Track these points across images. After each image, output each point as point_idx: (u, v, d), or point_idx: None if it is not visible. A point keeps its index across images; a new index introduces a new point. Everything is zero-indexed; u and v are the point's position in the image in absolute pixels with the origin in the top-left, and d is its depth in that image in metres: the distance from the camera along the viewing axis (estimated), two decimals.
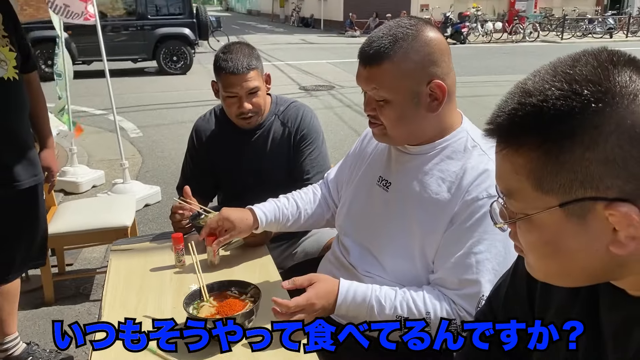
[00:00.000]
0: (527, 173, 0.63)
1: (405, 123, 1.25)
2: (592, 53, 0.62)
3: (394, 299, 1.23)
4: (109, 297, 1.44)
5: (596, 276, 0.67)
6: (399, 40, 1.19)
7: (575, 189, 0.60)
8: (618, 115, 0.58)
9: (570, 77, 0.60)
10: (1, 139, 1.90)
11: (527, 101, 0.61)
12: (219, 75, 1.85)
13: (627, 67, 0.60)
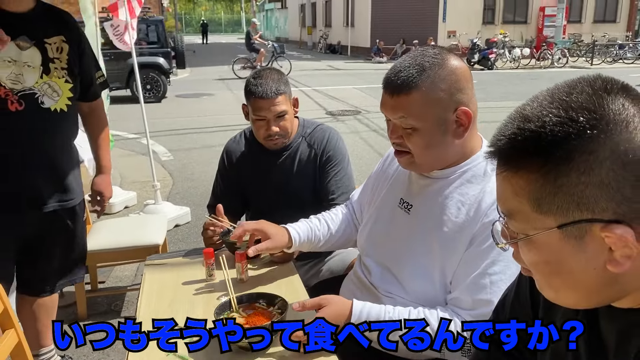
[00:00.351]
0: (526, 195, 0.67)
1: (433, 150, 1.29)
2: (587, 80, 0.67)
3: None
4: (143, 309, 1.51)
5: (595, 296, 0.70)
6: (426, 70, 1.23)
7: (572, 211, 0.64)
8: (612, 141, 0.62)
9: (566, 104, 0.65)
10: (38, 164, 1.97)
11: (526, 126, 0.66)
12: (249, 99, 1.94)
13: (621, 95, 0.65)
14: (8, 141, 1.89)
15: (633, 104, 0.64)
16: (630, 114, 0.63)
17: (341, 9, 26.28)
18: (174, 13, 37.38)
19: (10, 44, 1.84)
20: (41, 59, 1.91)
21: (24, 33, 1.87)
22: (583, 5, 24.04)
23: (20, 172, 1.94)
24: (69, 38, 2.00)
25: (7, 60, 1.83)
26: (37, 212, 2.02)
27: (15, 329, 1.58)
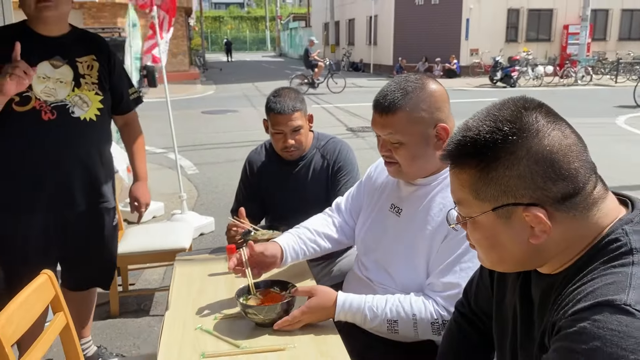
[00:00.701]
0: (468, 186, 0.89)
1: (417, 161, 1.51)
2: (513, 100, 0.90)
3: (385, 306, 1.47)
4: (175, 295, 1.75)
5: (524, 263, 0.92)
6: (409, 93, 1.46)
7: (501, 197, 0.86)
8: (527, 144, 0.84)
9: (496, 117, 0.87)
10: (69, 168, 2.19)
11: (467, 134, 0.89)
12: (269, 115, 2.18)
13: (535, 111, 0.87)
14: (42, 147, 2.12)
15: (543, 118, 0.86)
16: (541, 125, 0.85)
17: (364, 28, 26.68)
18: (200, 32, 38.29)
19: (44, 63, 2.10)
20: (73, 75, 2.16)
21: (57, 54, 2.13)
22: (608, 23, 23.98)
23: (54, 175, 2.16)
24: (99, 57, 2.24)
25: (42, 76, 2.09)
26: (70, 211, 2.24)
27: (64, 313, 1.81)
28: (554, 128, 0.86)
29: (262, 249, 1.67)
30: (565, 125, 0.88)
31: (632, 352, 0.72)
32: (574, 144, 0.87)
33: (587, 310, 0.78)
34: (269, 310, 1.47)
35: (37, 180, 2.16)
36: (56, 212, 2.22)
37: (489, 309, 1.14)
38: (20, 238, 2.20)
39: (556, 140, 0.85)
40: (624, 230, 0.86)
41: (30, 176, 2.14)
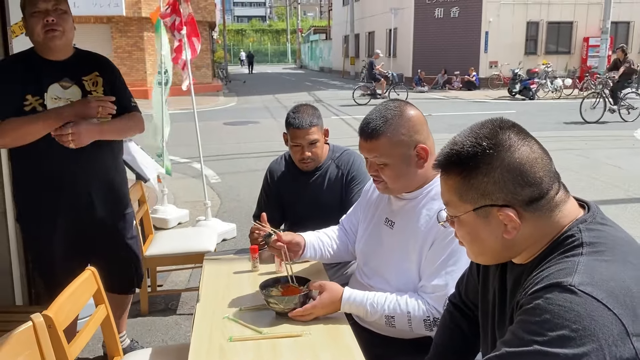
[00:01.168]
0: (453, 190, 1.10)
1: (401, 178, 1.72)
2: (491, 120, 1.10)
3: (383, 304, 1.67)
4: (204, 289, 1.96)
5: (500, 255, 1.12)
6: (388, 120, 1.67)
7: (480, 200, 1.07)
8: (501, 157, 1.05)
9: (477, 134, 1.08)
10: (89, 178, 2.39)
11: (454, 148, 1.09)
12: (288, 129, 2.41)
13: (509, 130, 1.08)
14: (58, 160, 2.31)
15: (515, 135, 1.07)
16: (513, 141, 1.06)
17: (384, 40, 26.92)
18: (223, 44, 38.96)
19: (55, 85, 2.31)
20: (81, 93, 2.35)
21: (65, 75, 2.33)
22: (629, 35, 23.83)
23: (73, 186, 2.37)
24: (102, 73, 2.40)
25: (54, 97, 2.29)
26: (89, 219, 2.43)
27: (105, 305, 2.04)
28: (524, 144, 1.06)
29: (290, 238, 1.92)
30: (533, 142, 1.09)
31: (574, 322, 0.91)
32: (540, 157, 1.07)
33: (541, 290, 0.97)
34: (288, 300, 1.69)
35: (58, 192, 2.36)
36: (76, 220, 2.41)
37: (476, 300, 1.34)
38: (46, 242, 2.41)
39: (524, 154, 1.05)
40: (578, 228, 1.05)
41: (51, 188, 2.35)
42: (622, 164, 7.89)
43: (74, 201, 2.40)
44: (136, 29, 18.47)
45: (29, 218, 2.46)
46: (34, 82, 2.25)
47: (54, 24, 2.23)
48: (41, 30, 2.22)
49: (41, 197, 2.38)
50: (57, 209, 2.39)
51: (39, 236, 2.44)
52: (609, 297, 0.92)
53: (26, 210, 2.46)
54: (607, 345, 0.89)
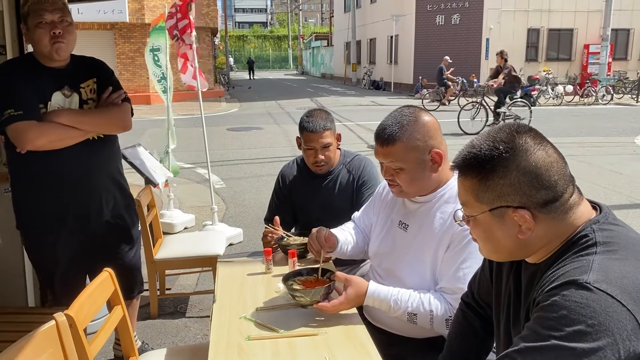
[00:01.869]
0: (471, 191, 1.14)
1: (416, 182, 1.77)
2: (508, 125, 1.15)
3: (407, 300, 1.71)
4: (219, 290, 2.00)
5: (514, 254, 1.17)
6: (404, 126, 1.72)
7: (496, 201, 1.11)
8: (517, 160, 1.09)
9: (494, 138, 1.12)
10: (91, 183, 2.40)
11: (472, 151, 1.14)
12: (302, 133, 2.46)
13: (525, 134, 1.12)
14: (58, 166, 2.32)
15: (532, 140, 1.11)
16: (529, 146, 1.10)
17: (385, 47, 27.05)
18: (224, 50, 39.11)
19: (57, 93, 2.32)
20: (79, 102, 2.37)
21: (66, 83, 2.34)
22: (629, 42, 23.94)
23: (76, 193, 2.37)
24: (99, 78, 2.42)
25: (57, 106, 2.31)
26: (94, 223, 2.45)
27: (122, 306, 2.08)
28: (540, 149, 1.11)
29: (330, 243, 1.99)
30: (549, 146, 1.13)
31: (590, 318, 0.95)
32: (555, 161, 1.11)
33: (558, 287, 1.02)
34: (315, 293, 1.73)
35: (62, 199, 2.37)
36: (82, 225, 2.43)
37: (488, 299, 1.38)
38: (52, 251, 2.41)
39: (540, 158, 1.10)
40: (592, 229, 1.09)
41: (55, 197, 2.36)
42: (623, 170, 7.93)
43: (83, 204, 2.42)
44: (139, 35, 18.59)
45: (32, 226, 2.42)
46: (39, 89, 2.26)
47: (60, 36, 2.25)
48: (48, 42, 2.24)
49: (46, 204, 2.37)
50: (66, 214, 2.39)
51: (44, 245, 2.42)
52: (622, 293, 0.97)
53: (29, 218, 2.42)
54: (621, 340, 0.94)
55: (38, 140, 2.20)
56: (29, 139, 2.19)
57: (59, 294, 2.50)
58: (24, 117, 2.17)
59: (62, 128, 2.26)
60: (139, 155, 4.03)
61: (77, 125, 2.31)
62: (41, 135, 2.20)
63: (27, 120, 2.18)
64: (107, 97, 2.41)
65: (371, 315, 1.93)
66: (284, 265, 2.17)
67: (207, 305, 3.56)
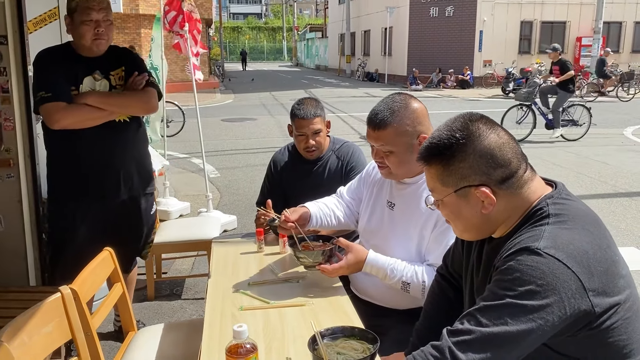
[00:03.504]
0: (436, 177, 1.28)
1: (404, 165, 1.89)
2: (462, 115, 1.28)
3: (402, 270, 1.84)
4: (214, 267, 2.13)
5: (481, 229, 1.30)
6: (395, 112, 1.84)
7: (459, 182, 1.25)
8: (473, 145, 1.22)
9: (450, 127, 1.26)
10: (115, 163, 2.58)
11: (433, 141, 1.27)
12: (293, 120, 2.58)
13: (478, 121, 1.26)
14: (81, 145, 2.51)
15: (484, 125, 1.25)
16: (482, 131, 1.24)
17: (379, 39, 27.11)
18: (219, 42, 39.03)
19: (88, 77, 2.53)
20: (108, 87, 2.58)
21: (97, 69, 2.55)
22: (621, 35, 24.13)
23: (101, 170, 2.56)
24: (127, 68, 2.62)
25: (88, 89, 2.52)
26: (117, 199, 2.63)
27: (122, 283, 2.20)
28: (492, 132, 1.24)
29: (297, 216, 2.05)
30: (500, 129, 1.27)
31: (539, 278, 1.08)
32: (507, 142, 1.25)
33: (513, 254, 1.15)
34: (317, 254, 1.88)
35: (86, 179, 2.56)
36: (100, 201, 2.61)
37: (461, 271, 1.52)
38: (72, 227, 2.60)
39: (493, 140, 1.23)
40: (546, 202, 1.23)
41: (76, 173, 2.55)
42: (610, 160, 8.10)
43: (102, 182, 2.59)
44: (133, 25, 18.56)
45: (58, 197, 2.63)
46: (72, 74, 2.48)
47: (102, 34, 2.48)
48: (90, 37, 2.46)
49: (68, 179, 2.57)
50: (86, 189, 2.58)
51: (64, 220, 2.61)
52: (568, 257, 1.10)
53: (57, 189, 2.62)
54: (566, 298, 1.08)
55: (64, 120, 2.42)
56: (55, 119, 2.41)
57: (63, 270, 2.63)
58: (52, 98, 2.39)
59: (88, 109, 2.46)
60: None
61: (103, 106, 2.51)
62: (68, 116, 2.41)
63: (56, 102, 2.39)
64: (132, 80, 2.61)
65: (358, 288, 2.06)
66: (275, 245, 2.30)
67: (202, 288, 3.68)
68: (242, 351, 1.22)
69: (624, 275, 1.17)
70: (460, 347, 1.11)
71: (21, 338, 1.47)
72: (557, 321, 1.07)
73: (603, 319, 1.11)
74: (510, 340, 1.09)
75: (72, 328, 1.71)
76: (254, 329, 1.61)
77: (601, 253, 1.14)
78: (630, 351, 1.16)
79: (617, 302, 1.12)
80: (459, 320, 1.16)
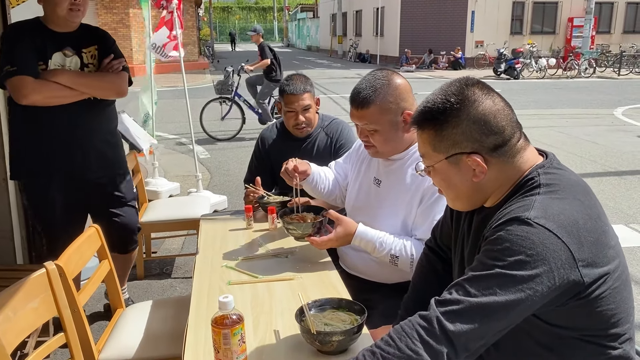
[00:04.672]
0: (427, 142, 1.25)
1: (390, 143, 1.87)
2: (459, 79, 1.25)
3: (391, 243, 1.82)
4: (202, 244, 2.11)
5: (472, 198, 1.28)
6: (377, 89, 1.81)
7: (450, 149, 1.22)
8: (467, 110, 1.19)
9: (445, 92, 1.23)
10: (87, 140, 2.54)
11: (426, 105, 1.24)
12: (282, 96, 2.54)
13: (474, 86, 1.22)
14: (49, 119, 2.46)
15: (480, 90, 1.22)
16: (477, 96, 1.21)
17: (371, 19, 26.89)
18: (208, 22, 38.55)
19: (58, 53, 2.47)
20: (80, 64, 2.52)
21: (68, 45, 2.49)
22: (612, 16, 24.09)
23: (73, 147, 2.52)
24: (100, 46, 2.58)
25: (57, 65, 2.46)
26: (90, 177, 2.59)
27: (109, 260, 2.17)
28: (487, 98, 1.21)
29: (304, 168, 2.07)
30: (496, 96, 1.23)
31: (529, 249, 1.07)
32: (502, 109, 1.22)
33: (503, 224, 1.13)
34: (307, 226, 1.87)
35: (54, 153, 2.52)
36: (71, 179, 2.58)
37: (449, 242, 1.51)
38: (47, 202, 2.57)
39: (488, 107, 1.20)
40: (537, 172, 1.21)
41: (48, 149, 2.51)
42: (600, 140, 8.13)
43: (70, 157, 2.55)
44: (122, 5, 18.27)
45: (27, 173, 2.58)
46: (41, 49, 2.40)
47: (79, 4, 2.43)
48: (66, 7, 2.39)
49: (37, 156, 2.52)
50: (54, 163, 2.53)
51: (39, 190, 2.58)
52: (559, 227, 1.09)
53: (25, 165, 2.57)
54: (556, 268, 1.06)
55: (32, 96, 2.35)
56: (23, 94, 2.34)
57: (56, 241, 2.61)
58: (17, 72, 2.32)
59: (58, 87, 2.40)
60: (123, 121, 4.08)
61: (74, 86, 2.45)
62: (36, 92, 2.35)
63: (22, 76, 2.32)
64: (108, 63, 2.56)
65: (347, 263, 2.06)
66: (264, 222, 2.28)
67: (192, 267, 3.66)
68: (227, 322, 1.20)
69: (613, 245, 1.16)
70: (448, 316, 1.09)
71: (5, 313, 1.45)
72: (546, 291, 1.06)
73: (592, 289, 1.10)
74: (499, 310, 1.08)
75: (57, 304, 1.68)
76: (242, 303, 1.60)
77: (591, 223, 1.13)
78: (618, 320, 1.16)
79: (606, 272, 1.11)
80: (447, 290, 1.15)
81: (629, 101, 12.55)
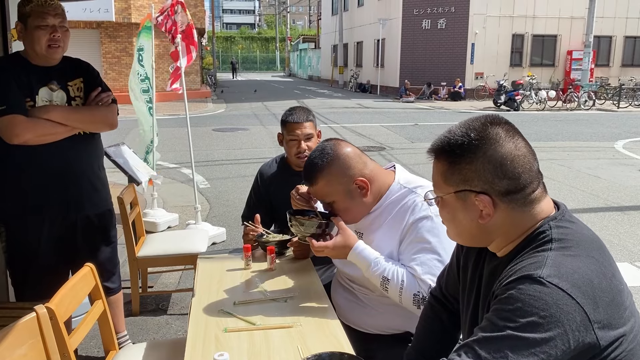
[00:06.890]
0: (440, 173, 1.22)
1: (351, 211, 1.86)
2: (485, 115, 1.21)
3: (385, 266, 1.75)
4: (199, 284, 2.05)
5: (475, 238, 1.23)
6: (318, 166, 1.82)
7: (461, 184, 1.18)
8: (485, 149, 1.15)
9: (468, 126, 1.19)
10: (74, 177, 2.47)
11: (446, 136, 1.21)
12: (285, 126, 2.54)
13: (499, 126, 1.18)
14: (39, 155, 2.38)
15: (504, 132, 1.17)
16: (499, 137, 1.16)
17: (372, 50, 27.18)
18: (211, 51, 39.02)
19: (44, 88, 2.42)
20: (66, 98, 2.47)
21: (53, 79, 2.44)
22: (611, 49, 24.35)
23: (60, 185, 2.45)
24: (85, 78, 2.53)
25: (44, 100, 2.41)
26: (75, 216, 2.52)
27: (103, 300, 2.11)
28: (509, 141, 1.17)
29: None
30: (520, 140, 1.18)
31: (542, 310, 1.01)
32: (523, 155, 1.17)
33: (514, 281, 1.08)
34: (310, 225, 1.83)
35: (46, 190, 2.44)
36: (64, 216, 2.50)
37: (455, 292, 1.45)
38: (34, 242, 2.47)
39: (507, 150, 1.15)
40: (549, 225, 1.16)
41: (40, 187, 2.43)
42: (601, 174, 8.10)
43: (62, 198, 2.47)
44: (125, 34, 18.51)
45: (14, 214, 2.47)
46: (27, 85, 2.35)
47: (58, 40, 2.37)
48: (45, 43, 2.35)
49: (28, 195, 2.43)
50: (45, 205, 2.45)
51: (26, 235, 2.48)
52: (573, 287, 1.03)
53: (12, 206, 2.47)
54: (570, 331, 1.00)
55: (25, 135, 2.29)
56: (15, 134, 2.28)
57: (29, 289, 2.53)
58: (8, 111, 2.26)
59: (50, 124, 2.35)
60: (123, 153, 4.06)
61: (67, 122, 2.41)
62: (28, 130, 2.29)
63: (13, 115, 2.26)
64: (95, 96, 2.51)
65: (343, 315, 1.98)
66: (263, 262, 2.22)
67: (189, 302, 3.58)
68: None
69: (628, 305, 1.10)
70: None
71: None
72: (560, 355, 1.00)
73: (608, 352, 1.04)
74: None
75: (47, 350, 1.62)
76: (238, 353, 1.53)
77: (606, 282, 1.07)
78: None
79: (622, 334, 1.06)
80: (455, 351, 1.09)
81: (630, 134, 12.57)
